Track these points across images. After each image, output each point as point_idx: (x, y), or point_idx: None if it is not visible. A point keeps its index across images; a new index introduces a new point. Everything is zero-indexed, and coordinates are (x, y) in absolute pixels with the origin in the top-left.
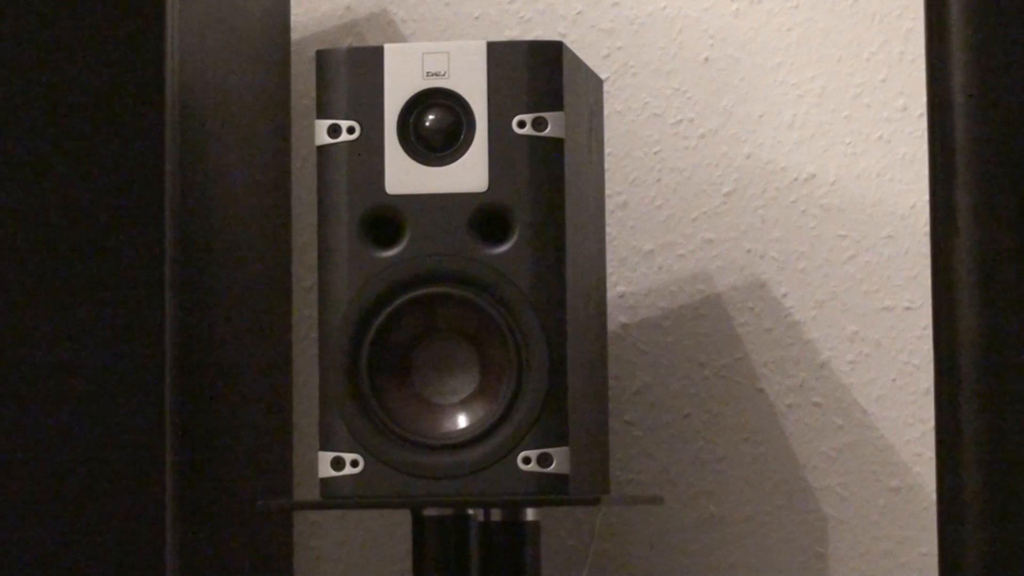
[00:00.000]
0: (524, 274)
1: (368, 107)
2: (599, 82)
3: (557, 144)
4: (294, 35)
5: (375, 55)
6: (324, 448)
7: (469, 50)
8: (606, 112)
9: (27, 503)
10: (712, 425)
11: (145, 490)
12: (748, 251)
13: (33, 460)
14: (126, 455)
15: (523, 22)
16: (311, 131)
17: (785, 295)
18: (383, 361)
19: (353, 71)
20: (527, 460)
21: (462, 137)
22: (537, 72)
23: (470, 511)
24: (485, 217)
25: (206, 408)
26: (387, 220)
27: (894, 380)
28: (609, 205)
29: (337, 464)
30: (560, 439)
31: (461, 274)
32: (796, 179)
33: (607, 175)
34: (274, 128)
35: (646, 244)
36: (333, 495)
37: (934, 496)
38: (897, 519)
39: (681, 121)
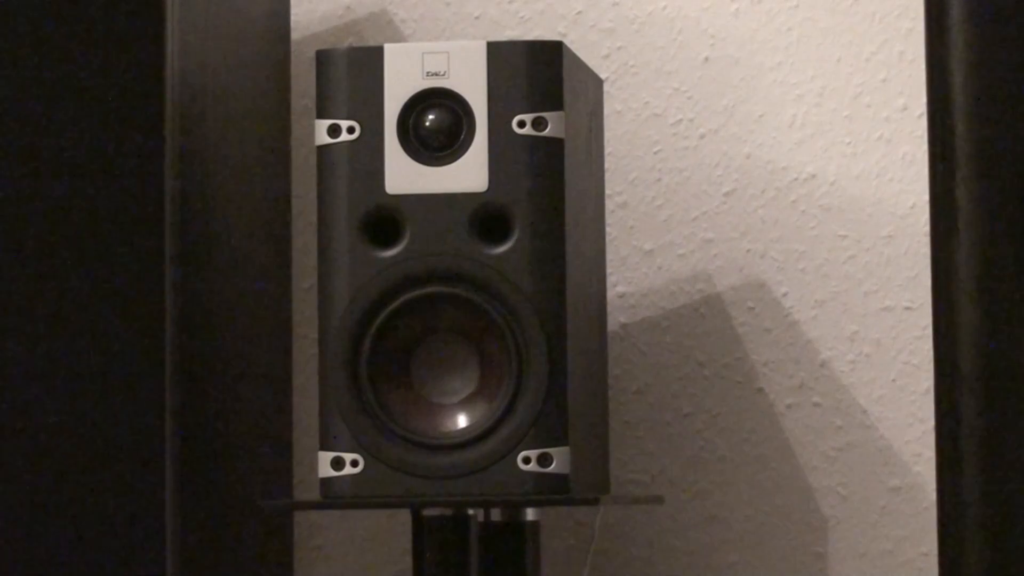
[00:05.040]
0: (524, 274)
1: (368, 107)
2: (599, 82)
3: (557, 144)
4: (294, 35)
5: (375, 55)
6: (324, 448)
7: (469, 50)
8: (606, 112)
9: (27, 503)
10: (712, 425)
11: (145, 490)
12: (748, 251)
13: (33, 460)
14: (126, 455)
15: (523, 22)
16: (311, 131)
17: (785, 295)
18: (383, 361)
19: (353, 71)
20: (527, 460)
21: (462, 137)
22: (537, 72)
23: (470, 511)
24: (485, 217)
25: (206, 408)
26: (387, 220)
27: (894, 380)
28: (609, 205)
29: (337, 464)
30: (560, 439)
31: (461, 274)
32: (796, 179)
33: (607, 175)
34: (274, 128)
35: (646, 244)
36: (333, 495)
37: (934, 496)
38: (897, 519)
39: (681, 121)
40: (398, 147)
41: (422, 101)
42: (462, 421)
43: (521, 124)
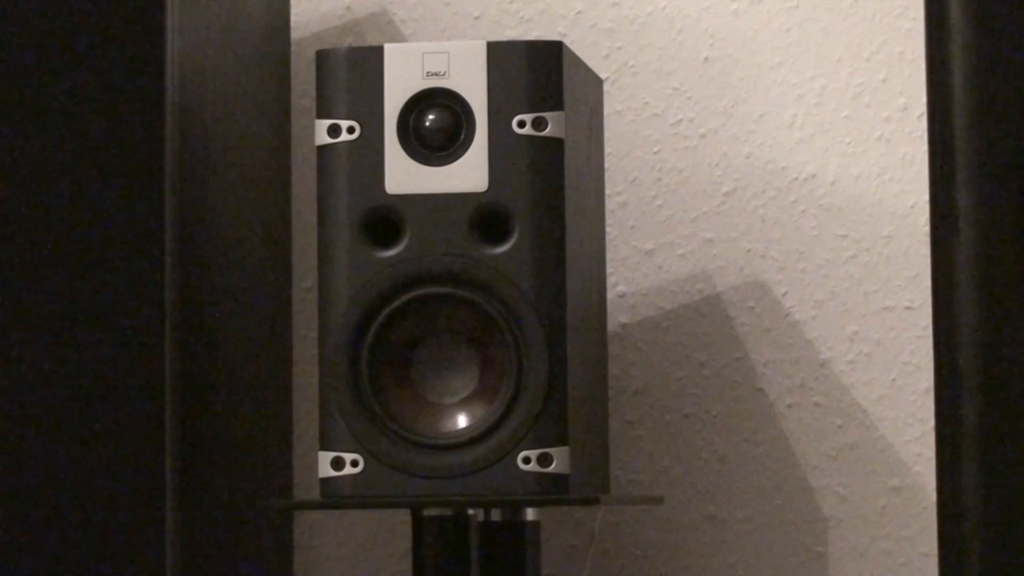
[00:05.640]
0: (524, 274)
1: (368, 107)
2: (599, 82)
3: (557, 144)
4: (294, 35)
5: (375, 55)
6: (324, 448)
7: (469, 50)
8: (606, 112)
9: (27, 503)
10: (712, 425)
11: (145, 490)
12: (748, 251)
13: (33, 460)
14: (126, 455)
15: (523, 22)
16: (311, 131)
17: (785, 295)
18: (383, 361)
19: (353, 71)
20: (527, 460)
21: (462, 137)
22: (537, 72)
23: (470, 511)
24: (485, 217)
25: (206, 408)
26: (387, 220)
27: (894, 380)
28: (609, 205)
29: (337, 464)
30: (560, 439)
31: (461, 274)
32: (796, 179)
33: (607, 175)
34: (274, 128)
35: (646, 244)
36: (333, 495)
37: (934, 496)
38: (897, 519)
39: (681, 121)
40: (398, 147)
41: (422, 101)
42: (462, 421)
43: (521, 124)
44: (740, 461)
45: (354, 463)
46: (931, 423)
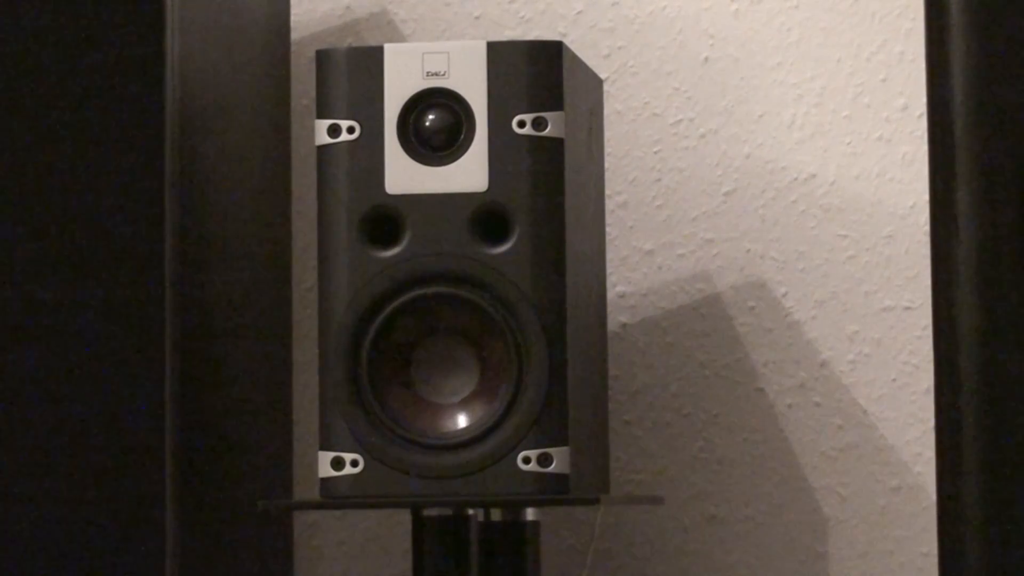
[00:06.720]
0: (524, 274)
1: (368, 107)
2: (599, 82)
3: (557, 144)
4: (294, 35)
5: (375, 55)
6: (324, 448)
7: (469, 50)
8: (606, 112)
9: (27, 503)
10: (712, 425)
11: (145, 490)
12: (748, 251)
13: (33, 460)
14: (126, 455)
15: (523, 22)
16: (311, 131)
17: (785, 295)
18: (383, 361)
19: (353, 71)
20: (527, 460)
21: (462, 137)
22: (537, 72)
23: (470, 511)
24: (485, 217)
25: (206, 408)
26: (387, 220)
27: (894, 380)
28: (609, 205)
29: (337, 464)
30: (560, 439)
31: (461, 274)
32: (796, 179)
33: (607, 175)
34: (274, 128)
35: (646, 244)
36: (333, 495)
37: (934, 496)
38: (897, 519)
39: (681, 121)
40: (398, 147)
41: (422, 101)
42: (462, 421)
43: (521, 124)
44: (740, 461)
45: (354, 463)
46: (931, 423)
